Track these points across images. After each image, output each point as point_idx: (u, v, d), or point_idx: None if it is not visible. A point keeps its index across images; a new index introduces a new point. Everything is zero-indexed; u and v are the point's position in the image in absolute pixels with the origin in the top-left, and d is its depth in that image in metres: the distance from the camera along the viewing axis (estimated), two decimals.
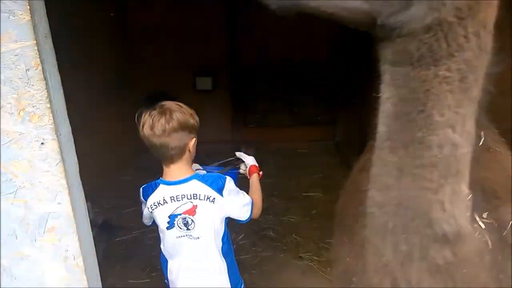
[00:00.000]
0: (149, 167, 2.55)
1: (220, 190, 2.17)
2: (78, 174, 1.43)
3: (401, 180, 1.36)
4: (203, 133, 2.30)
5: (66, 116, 1.38)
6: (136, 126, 2.13)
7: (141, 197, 2.29)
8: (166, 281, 2.45)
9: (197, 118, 2.17)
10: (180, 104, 2.15)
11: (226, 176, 2.25)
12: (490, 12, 1.24)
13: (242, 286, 2.49)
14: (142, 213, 2.35)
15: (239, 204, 2.25)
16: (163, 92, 6.52)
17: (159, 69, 6.25)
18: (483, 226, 1.49)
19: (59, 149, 1.32)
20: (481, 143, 1.80)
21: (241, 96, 6.70)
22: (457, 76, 1.23)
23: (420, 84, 1.26)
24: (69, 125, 1.39)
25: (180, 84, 6.16)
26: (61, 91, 1.36)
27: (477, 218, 1.49)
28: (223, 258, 2.30)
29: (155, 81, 6.23)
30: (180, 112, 2.09)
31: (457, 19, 1.19)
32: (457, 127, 1.27)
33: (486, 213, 1.52)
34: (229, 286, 2.32)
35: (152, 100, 2.26)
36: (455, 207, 1.34)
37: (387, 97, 1.33)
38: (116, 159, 5.89)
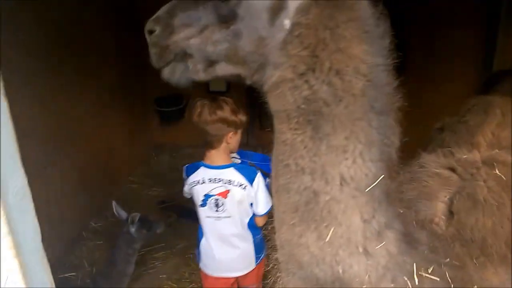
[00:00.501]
0: (156, 174, 2.88)
1: (251, 181, 2.57)
2: (41, 247, 0.98)
3: (278, 222, 1.45)
4: None
5: (19, 164, 0.91)
6: (144, 132, 2.23)
7: (184, 174, 2.72)
8: (196, 251, 2.86)
9: (241, 117, 2.52)
10: (228, 101, 2.51)
11: (258, 171, 2.61)
12: (341, 59, 1.20)
13: (263, 255, 2.81)
14: (183, 188, 2.76)
15: (262, 198, 2.61)
16: (178, 95, 6.13)
17: None
18: (416, 282, 1.37)
19: (5, 217, 0.87)
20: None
21: (256, 98, 6.25)
22: (307, 127, 1.26)
23: (279, 135, 1.34)
24: (24, 176, 0.93)
25: (193, 85, 5.75)
26: (9, 124, 0.90)
27: (414, 272, 1.38)
28: (249, 230, 2.72)
29: (166, 83, 5.82)
30: (223, 108, 2.47)
31: (296, 75, 1.25)
32: (315, 175, 1.27)
33: (431, 268, 1.41)
34: (253, 253, 2.75)
35: (165, 102, 2.46)
36: (327, 253, 1.32)
37: (274, 144, 1.40)
38: (123, 166, 5.52)
